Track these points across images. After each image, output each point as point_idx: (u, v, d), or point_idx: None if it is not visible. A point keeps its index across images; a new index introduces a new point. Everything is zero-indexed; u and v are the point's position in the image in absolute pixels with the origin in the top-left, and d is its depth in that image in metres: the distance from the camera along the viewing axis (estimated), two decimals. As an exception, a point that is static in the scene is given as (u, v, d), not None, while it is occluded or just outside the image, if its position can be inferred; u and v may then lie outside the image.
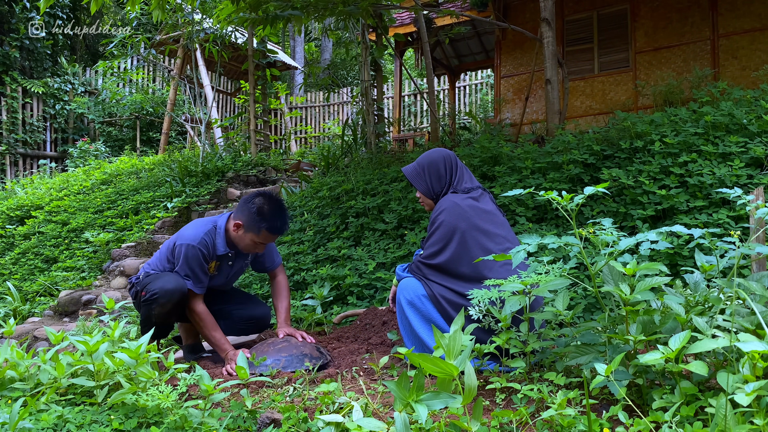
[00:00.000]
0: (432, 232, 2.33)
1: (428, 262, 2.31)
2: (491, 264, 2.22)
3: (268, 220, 2.54)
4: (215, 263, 2.66)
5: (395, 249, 3.63)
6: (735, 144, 3.26)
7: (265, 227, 2.54)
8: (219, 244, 2.62)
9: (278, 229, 2.58)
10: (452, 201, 2.35)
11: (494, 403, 1.72)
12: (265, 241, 2.60)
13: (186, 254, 2.55)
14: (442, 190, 2.46)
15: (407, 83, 12.74)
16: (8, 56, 10.89)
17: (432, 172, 2.47)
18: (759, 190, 2.23)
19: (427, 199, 2.51)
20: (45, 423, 1.49)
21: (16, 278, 5.62)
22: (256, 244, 2.61)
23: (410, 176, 2.52)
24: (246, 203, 2.58)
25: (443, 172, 2.47)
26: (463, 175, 2.48)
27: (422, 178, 2.49)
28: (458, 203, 2.33)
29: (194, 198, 6.12)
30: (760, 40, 6.29)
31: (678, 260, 2.85)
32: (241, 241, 2.61)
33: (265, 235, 2.57)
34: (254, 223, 2.54)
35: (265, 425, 1.61)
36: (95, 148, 10.25)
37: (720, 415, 1.21)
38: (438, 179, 2.47)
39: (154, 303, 2.47)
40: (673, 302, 1.59)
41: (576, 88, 7.23)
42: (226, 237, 2.64)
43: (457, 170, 2.48)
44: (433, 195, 2.48)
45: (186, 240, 2.57)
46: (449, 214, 2.31)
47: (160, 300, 2.46)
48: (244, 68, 9.21)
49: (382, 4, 5.13)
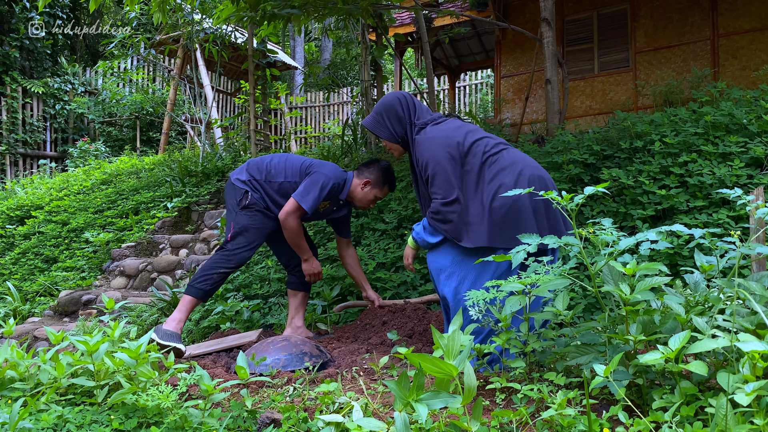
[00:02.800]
0: (432, 178, 2.29)
1: (449, 200, 2.26)
2: (502, 165, 2.26)
3: (390, 180, 3.05)
4: (328, 203, 3.05)
5: (395, 249, 3.63)
6: (735, 144, 3.26)
7: (388, 184, 3.04)
8: (344, 191, 3.04)
9: (394, 188, 3.12)
10: (426, 138, 2.34)
11: (494, 403, 1.72)
12: (382, 197, 3.08)
13: (320, 182, 2.93)
14: (405, 132, 2.46)
15: (407, 83, 12.74)
16: (8, 56, 10.89)
17: (391, 115, 2.48)
18: (759, 190, 2.23)
19: (394, 145, 2.52)
20: (45, 423, 1.49)
21: (16, 278, 5.62)
22: (375, 199, 3.07)
23: (371, 126, 2.53)
24: (372, 166, 3.04)
25: (402, 113, 2.47)
26: (422, 111, 2.48)
27: (382, 125, 2.50)
28: (431, 137, 2.33)
29: (194, 198, 6.12)
30: (760, 40, 6.29)
31: (678, 260, 2.85)
32: (364, 197, 3.04)
33: (385, 191, 3.07)
34: (381, 181, 3.02)
35: (265, 425, 1.61)
36: (95, 148, 10.25)
37: (720, 415, 1.21)
38: (398, 121, 2.47)
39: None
40: (673, 302, 1.58)
41: (576, 88, 7.22)
42: (350, 190, 3.06)
43: (415, 108, 2.48)
44: (398, 138, 2.49)
45: (327, 172, 2.97)
46: (431, 151, 2.29)
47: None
48: (244, 68, 9.22)
49: (382, 4, 5.13)
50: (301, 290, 3.20)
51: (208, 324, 3.54)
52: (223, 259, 2.93)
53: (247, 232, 2.96)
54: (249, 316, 3.52)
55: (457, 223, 2.26)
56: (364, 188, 3.02)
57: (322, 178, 2.93)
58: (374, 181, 3.02)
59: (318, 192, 2.91)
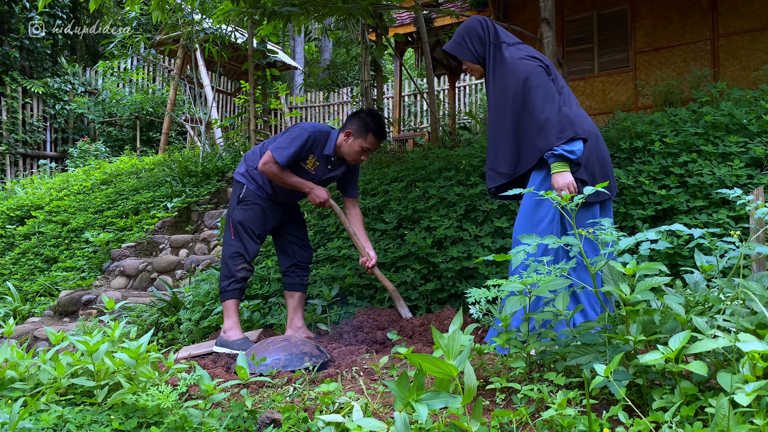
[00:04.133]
0: (534, 90, 2.31)
1: (563, 109, 2.30)
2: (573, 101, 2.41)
3: (374, 126, 2.95)
4: (315, 160, 3.02)
5: (395, 249, 3.63)
6: (735, 144, 3.26)
7: (372, 131, 2.94)
8: (328, 146, 3.00)
9: (381, 134, 2.98)
10: (518, 58, 2.39)
11: (494, 403, 1.72)
12: (371, 146, 2.97)
13: (294, 134, 2.93)
14: (485, 51, 2.50)
15: (407, 83, 12.73)
16: (8, 56, 10.88)
17: (472, 36, 2.52)
18: (759, 190, 2.23)
19: (475, 66, 2.56)
20: (45, 423, 1.49)
21: (16, 278, 5.62)
22: (363, 150, 2.97)
23: (453, 50, 2.58)
24: (354, 116, 2.99)
25: (482, 33, 2.51)
26: (504, 32, 2.54)
27: (464, 47, 2.54)
28: (524, 57, 2.39)
29: (194, 198, 6.12)
30: (760, 40, 6.28)
31: (678, 260, 2.85)
32: (350, 149, 2.97)
33: (371, 140, 2.95)
34: (362, 129, 2.93)
35: (265, 425, 1.61)
36: (95, 148, 10.24)
37: (720, 415, 1.21)
38: (480, 41, 2.51)
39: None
40: (673, 302, 1.58)
41: (576, 88, 7.22)
42: (335, 146, 3.01)
43: (495, 29, 2.53)
44: (479, 59, 2.52)
45: (304, 125, 2.98)
46: (527, 66, 2.35)
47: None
48: (244, 68, 9.21)
49: (382, 4, 5.13)
50: (297, 291, 3.20)
51: (208, 324, 3.54)
52: (231, 254, 3.04)
53: (242, 226, 3.04)
54: (249, 316, 3.52)
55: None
56: (348, 139, 2.97)
57: (298, 130, 2.94)
58: (355, 130, 2.96)
59: (290, 143, 2.90)
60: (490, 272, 3.24)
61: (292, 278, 3.20)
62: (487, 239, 3.35)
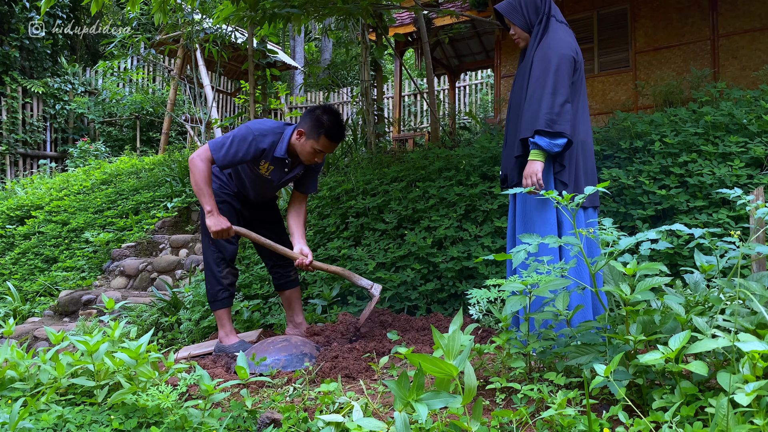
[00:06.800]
0: (553, 73, 2.32)
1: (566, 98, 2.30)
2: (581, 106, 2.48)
3: (327, 127, 2.72)
4: (268, 165, 2.82)
5: (395, 249, 3.63)
6: (735, 144, 3.26)
7: (323, 133, 2.72)
8: (279, 148, 2.78)
9: (335, 136, 2.76)
10: (560, 37, 2.40)
11: (494, 402, 1.72)
12: (323, 148, 2.76)
13: (234, 134, 2.72)
14: (537, 21, 2.49)
15: (407, 83, 12.73)
16: (8, 56, 10.88)
17: (529, 3, 2.51)
18: (759, 190, 2.23)
19: (523, 34, 2.53)
20: (45, 423, 1.49)
21: (16, 278, 5.62)
22: (315, 151, 2.77)
23: (507, 12, 2.54)
24: (308, 114, 2.78)
25: (540, 3, 2.50)
26: (556, 8, 2.53)
27: (519, 11, 2.52)
28: (567, 40, 2.41)
29: (194, 198, 6.11)
30: (760, 40, 6.28)
31: (678, 260, 2.85)
32: (303, 149, 2.77)
33: (323, 142, 2.74)
34: (314, 130, 2.73)
35: (265, 425, 1.61)
36: (95, 148, 10.24)
37: (720, 415, 1.21)
38: (535, 11, 2.50)
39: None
40: (673, 302, 1.58)
41: (576, 88, 7.21)
42: (289, 145, 2.80)
43: (550, 2, 2.52)
44: (530, 27, 2.50)
45: (250, 125, 2.75)
46: (561, 50, 2.36)
47: None
48: (244, 68, 9.22)
49: (382, 4, 5.13)
50: (287, 288, 3.11)
51: (208, 324, 3.54)
52: (213, 260, 2.95)
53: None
54: (249, 316, 3.52)
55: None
56: (300, 139, 2.76)
57: (242, 130, 2.72)
58: (308, 130, 2.74)
59: (230, 143, 2.68)
60: (490, 272, 3.24)
61: (277, 279, 3.12)
62: (487, 239, 3.35)
